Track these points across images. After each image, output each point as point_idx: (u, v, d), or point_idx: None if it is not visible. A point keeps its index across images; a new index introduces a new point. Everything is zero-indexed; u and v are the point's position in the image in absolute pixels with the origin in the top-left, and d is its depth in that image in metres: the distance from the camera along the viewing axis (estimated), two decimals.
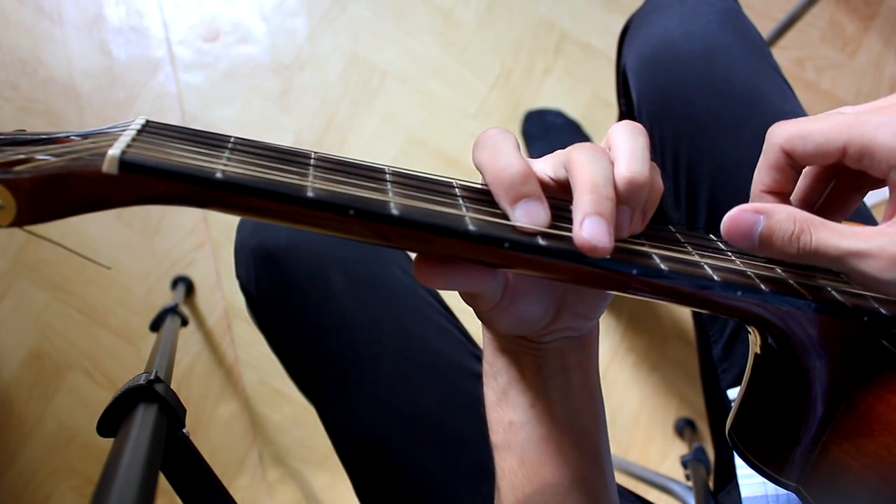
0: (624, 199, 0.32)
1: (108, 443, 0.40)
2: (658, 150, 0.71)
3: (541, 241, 0.30)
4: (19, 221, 0.25)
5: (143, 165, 0.26)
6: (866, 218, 0.63)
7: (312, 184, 0.29)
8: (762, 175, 0.37)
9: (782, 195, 0.38)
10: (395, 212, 0.28)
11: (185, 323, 1.06)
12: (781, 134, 0.35)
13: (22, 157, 0.26)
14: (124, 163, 0.26)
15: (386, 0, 1.36)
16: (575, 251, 0.30)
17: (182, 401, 0.46)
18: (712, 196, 0.66)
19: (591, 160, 0.32)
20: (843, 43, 1.47)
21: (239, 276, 0.68)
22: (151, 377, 0.46)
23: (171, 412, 0.44)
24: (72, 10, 1.29)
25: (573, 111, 1.35)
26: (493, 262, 0.31)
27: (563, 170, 0.33)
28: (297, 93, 1.31)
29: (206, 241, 1.23)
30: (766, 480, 0.39)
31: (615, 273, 0.31)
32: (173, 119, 1.27)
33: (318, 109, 1.30)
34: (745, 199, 0.64)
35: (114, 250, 1.21)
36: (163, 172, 0.27)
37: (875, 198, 1.19)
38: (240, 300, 1.23)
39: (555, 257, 0.30)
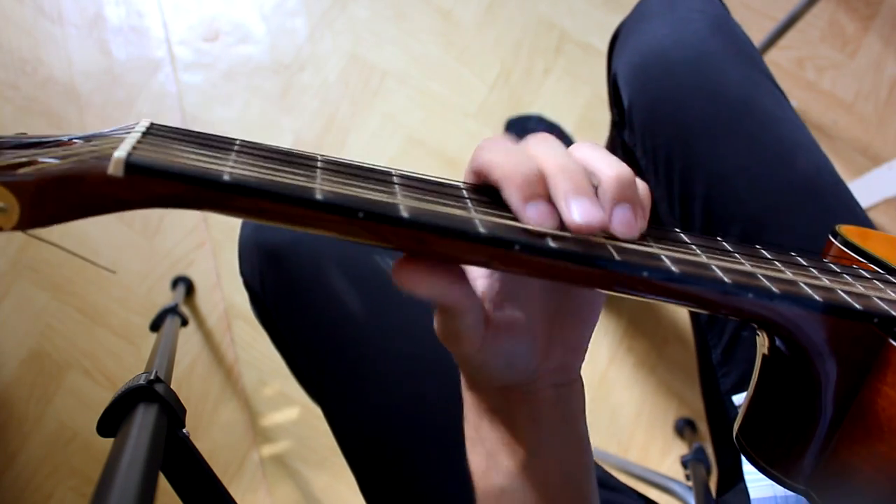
0: (620, 196, 0.31)
1: (108, 443, 0.40)
2: (651, 158, 0.71)
3: (552, 244, 0.29)
4: (22, 225, 0.24)
5: (149, 167, 0.26)
6: (863, 222, 0.63)
7: (321, 186, 0.28)
8: None
9: None
10: (404, 214, 0.28)
11: (185, 323, 1.06)
12: None
13: (25, 160, 0.25)
14: (130, 165, 0.26)
15: (386, 0, 1.36)
16: (585, 253, 0.29)
17: (182, 401, 0.47)
18: (707, 201, 0.65)
19: (547, 147, 0.32)
20: (843, 43, 1.47)
21: (243, 273, 0.67)
22: (151, 377, 0.46)
23: (171, 412, 0.44)
24: (72, 10, 1.29)
25: (573, 111, 1.35)
26: (501, 265, 0.30)
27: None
28: (297, 93, 1.31)
29: (206, 241, 1.23)
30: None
31: (626, 276, 0.30)
32: (173, 119, 1.27)
33: (318, 109, 1.30)
34: (740, 204, 0.64)
35: (114, 251, 1.21)
36: (169, 174, 0.26)
37: (872, 199, 1.19)
38: (240, 300, 1.24)
39: (565, 260, 0.29)
